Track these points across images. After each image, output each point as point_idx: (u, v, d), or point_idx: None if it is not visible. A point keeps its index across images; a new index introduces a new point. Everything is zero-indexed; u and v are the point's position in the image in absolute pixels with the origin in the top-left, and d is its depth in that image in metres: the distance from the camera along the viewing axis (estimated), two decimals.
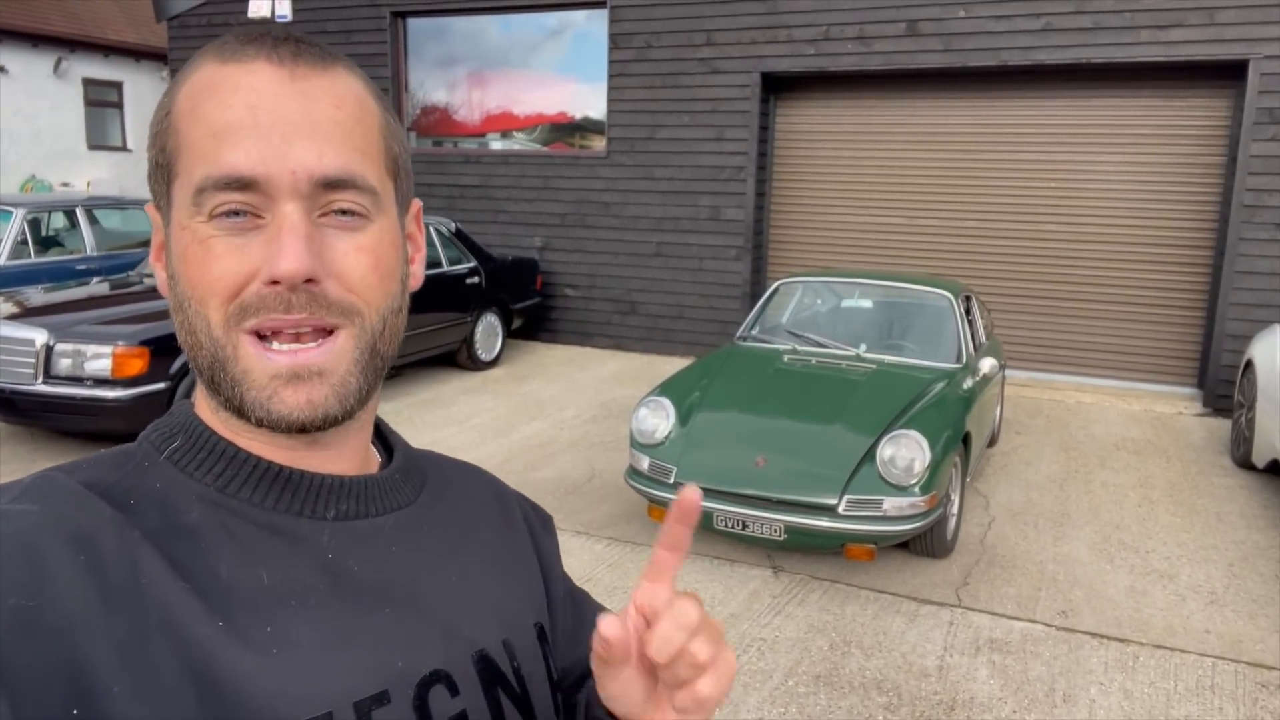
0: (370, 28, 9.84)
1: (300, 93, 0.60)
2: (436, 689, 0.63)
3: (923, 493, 3.99)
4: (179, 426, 0.65)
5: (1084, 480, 5.68)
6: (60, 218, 8.38)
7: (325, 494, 0.65)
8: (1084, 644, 3.67)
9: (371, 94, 0.66)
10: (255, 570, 0.59)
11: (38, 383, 5.14)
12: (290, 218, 0.58)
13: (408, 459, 0.75)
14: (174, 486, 0.61)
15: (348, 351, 0.62)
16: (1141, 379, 7.93)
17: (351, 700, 0.58)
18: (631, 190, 8.98)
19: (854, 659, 3.49)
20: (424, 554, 0.69)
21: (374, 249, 0.63)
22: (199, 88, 0.60)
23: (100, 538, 0.55)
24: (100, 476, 0.60)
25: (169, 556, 0.57)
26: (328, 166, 0.59)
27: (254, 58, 0.60)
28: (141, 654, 0.52)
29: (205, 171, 0.58)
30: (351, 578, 0.63)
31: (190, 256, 0.60)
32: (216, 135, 0.58)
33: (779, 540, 4.05)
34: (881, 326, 5.52)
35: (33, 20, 14.14)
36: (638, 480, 4.43)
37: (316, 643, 0.59)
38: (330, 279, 0.60)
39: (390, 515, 0.68)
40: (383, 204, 0.64)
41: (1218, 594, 4.15)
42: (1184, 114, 7.48)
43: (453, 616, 0.67)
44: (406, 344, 7.16)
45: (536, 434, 6.33)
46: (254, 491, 0.63)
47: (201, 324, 0.60)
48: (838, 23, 8.02)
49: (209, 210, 0.59)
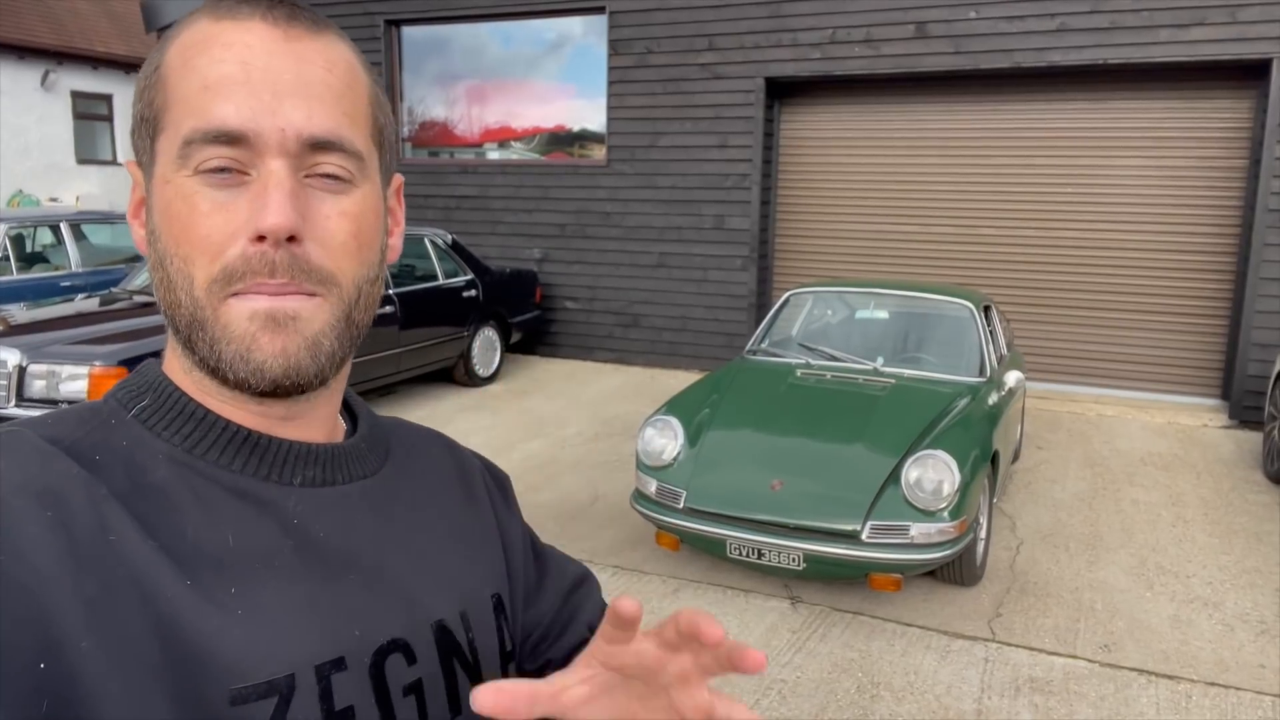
0: (364, 36, 9.61)
1: (293, 53, 0.60)
2: (394, 657, 0.63)
3: (952, 518, 3.72)
4: (147, 385, 0.64)
5: (1113, 498, 5.40)
6: (46, 233, 8.13)
7: (293, 460, 0.65)
8: (1131, 682, 3.38)
9: (361, 64, 0.66)
10: (221, 532, 0.59)
11: (10, 406, 4.87)
12: (277, 174, 0.58)
13: (372, 428, 0.74)
14: (141, 445, 0.60)
15: (323, 312, 0.61)
16: (1163, 390, 7.66)
17: (313, 664, 0.58)
18: (633, 200, 8.73)
19: (884, 703, 3.21)
20: (388, 523, 0.69)
21: (356, 215, 0.63)
22: (192, 43, 0.60)
23: (68, 494, 0.54)
24: (66, 433, 0.59)
25: (136, 514, 0.56)
26: (316, 127, 0.59)
27: (249, 16, 0.60)
28: (109, 610, 0.52)
29: (194, 124, 0.58)
30: (316, 544, 0.63)
31: (174, 212, 0.59)
32: (208, 89, 0.58)
33: (798, 570, 3.77)
34: (899, 339, 5.25)
35: (20, 32, 13.92)
36: (644, 505, 4.16)
37: (281, 606, 0.59)
38: (312, 241, 0.60)
39: (356, 484, 0.68)
40: (367, 170, 0.64)
41: (1268, 623, 3.87)
42: (1205, 116, 7.23)
43: (414, 586, 0.68)
44: (401, 359, 6.90)
45: (537, 453, 6.05)
46: (221, 454, 0.62)
47: (184, 282, 0.59)
48: (844, 25, 7.78)
49: (194, 165, 0.58)
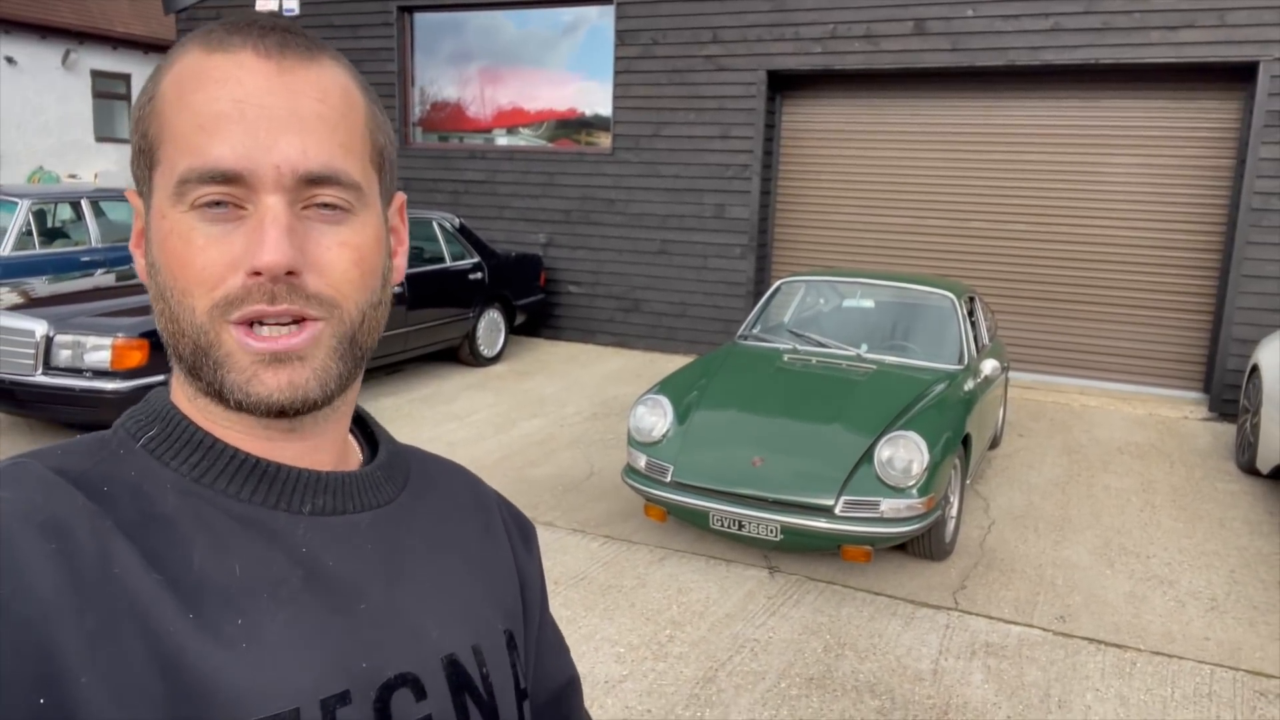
0: (377, 22, 9.82)
1: (286, 86, 0.60)
2: (401, 692, 0.62)
3: (920, 495, 3.96)
4: (155, 415, 0.65)
5: (1086, 484, 5.64)
6: (66, 209, 8.39)
7: (302, 488, 0.64)
8: (1081, 649, 3.63)
9: (357, 85, 0.66)
10: (228, 562, 0.59)
11: (38, 374, 5.14)
12: (273, 210, 0.58)
13: (392, 455, 0.75)
14: (149, 475, 0.60)
15: (325, 339, 0.62)
16: (1147, 383, 7.88)
17: (319, 697, 0.57)
18: (636, 187, 8.96)
19: (848, 661, 3.47)
20: (400, 554, 0.68)
21: (357, 245, 0.63)
22: (184, 76, 0.60)
23: (72, 526, 0.54)
24: (74, 464, 0.59)
25: (142, 547, 0.56)
26: (311, 162, 0.59)
27: (240, 48, 0.60)
28: (111, 644, 0.52)
29: (189, 163, 0.58)
30: (325, 573, 0.62)
31: (170, 247, 0.60)
32: (203, 127, 0.58)
33: (775, 541, 4.02)
34: (883, 327, 5.49)
35: (42, 12, 14.17)
36: (634, 478, 4.41)
37: (286, 638, 0.58)
38: (311, 272, 0.60)
39: (368, 513, 0.68)
40: (366, 198, 0.64)
41: (1218, 600, 4.11)
42: (1193, 116, 7.41)
43: (425, 619, 0.67)
44: (408, 339, 7.15)
45: (536, 431, 6.31)
46: (230, 483, 0.62)
47: (186, 314, 0.60)
48: (845, 21, 7.97)
49: (190, 200, 0.59)
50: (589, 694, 3.17)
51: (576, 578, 4.08)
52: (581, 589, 3.98)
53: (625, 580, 4.08)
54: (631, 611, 3.79)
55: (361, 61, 9.87)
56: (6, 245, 7.55)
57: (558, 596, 3.88)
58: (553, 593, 3.90)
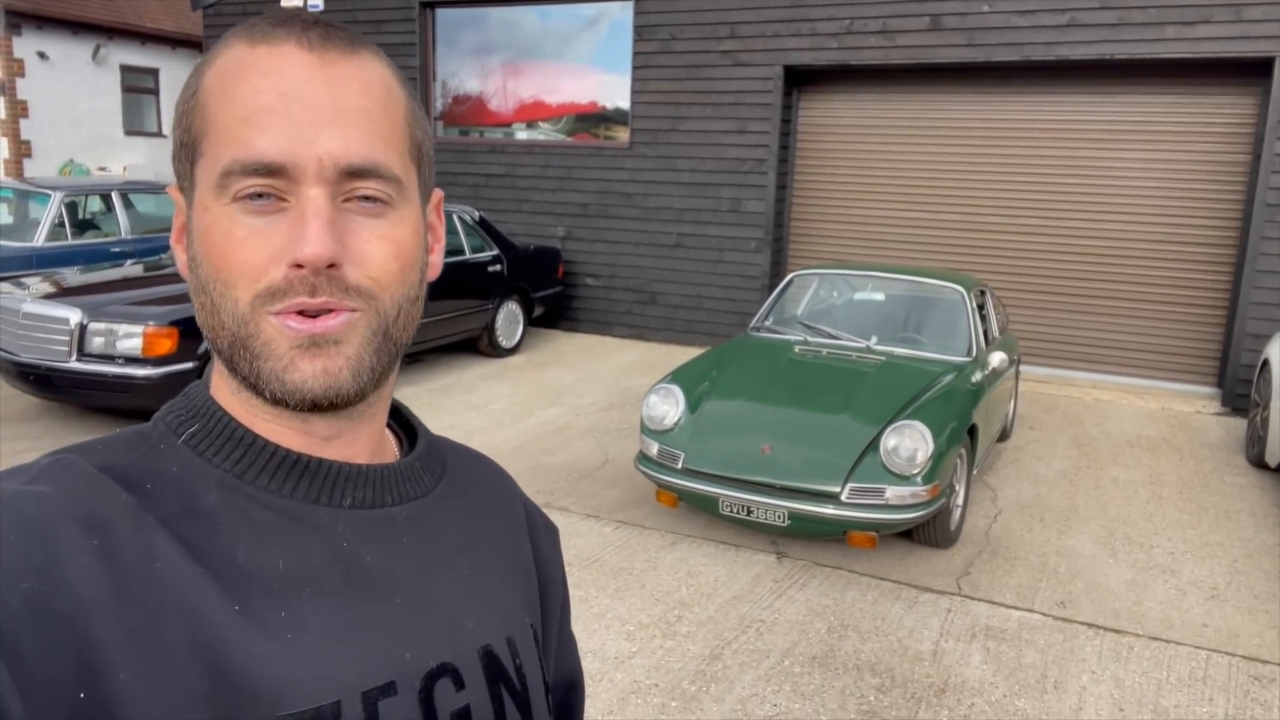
0: (399, 18, 9.97)
1: (328, 79, 0.60)
2: (442, 682, 0.63)
3: (925, 482, 4.06)
4: (196, 410, 0.65)
5: (1094, 476, 5.70)
6: (96, 201, 8.60)
7: (342, 482, 0.65)
8: (1079, 634, 3.72)
9: (398, 81, 0.66)
10: (272, 556, 0.60)
11: (71, 360, 5.33)
12: (315, 202, 0.59)
13: (430, 446, 0.76)
14: (190, 470, 0.62)
15: (361, 329, 0.62)
16: (1161, 377, 7.91)
17: (360, 690, 0.58)
18: (653, 181, 9.06)
19: (850, 642, 3.57)
20: (436, 546, 0.69)
21: (396, 237, 0.63)
22: (228, 69, 0.61)
23: (114, 522, 0.55)
24: (116, 460, 0.60)
25: (184, 540, 0.57)
26: (353, 155, 0.60)
27: (284, 40, 0.60)
28: (152, 639, 0.53)
29: (233, 155, 0.59)
30: (364, 567, 0.64)
31: (212, 240, 0.60)
32: (247, 120, 0.59)
33: (783, 526, 4.13)
34: (894, 320, 5.57)
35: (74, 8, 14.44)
36: (646, 465, 4.53)
37: (328, 631, 0.59)
38: (351, 264, 0.61)
39: (405, 505, 0.69)
40: (406, 192, 0.64)
41: (1219, 589, 4.18)
42: (1209, 111, 7.43)
43: (461, 610, 0.68)
44: (428, 330, 7.30)
45: (553, 420, 6.44)
46: (271, 478, 0.63)
47: (228, 306, 0.60)
48: (861, 16, 8.03)
49: (233, 193, 0.59)
50: (599, 669, 3.30)
51: (589, 560, 4.21)
52: (594, 571, 4.10)
53: (636, 563, 4.21)
54: (642, 593, 3.91)
55: None
56: (40, 236, 7.76)
57: (571, 578, 4.01)
58: (567, 574, 4.03)
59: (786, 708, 3.11)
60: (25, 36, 13.83)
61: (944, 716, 3.10)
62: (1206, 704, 3.25)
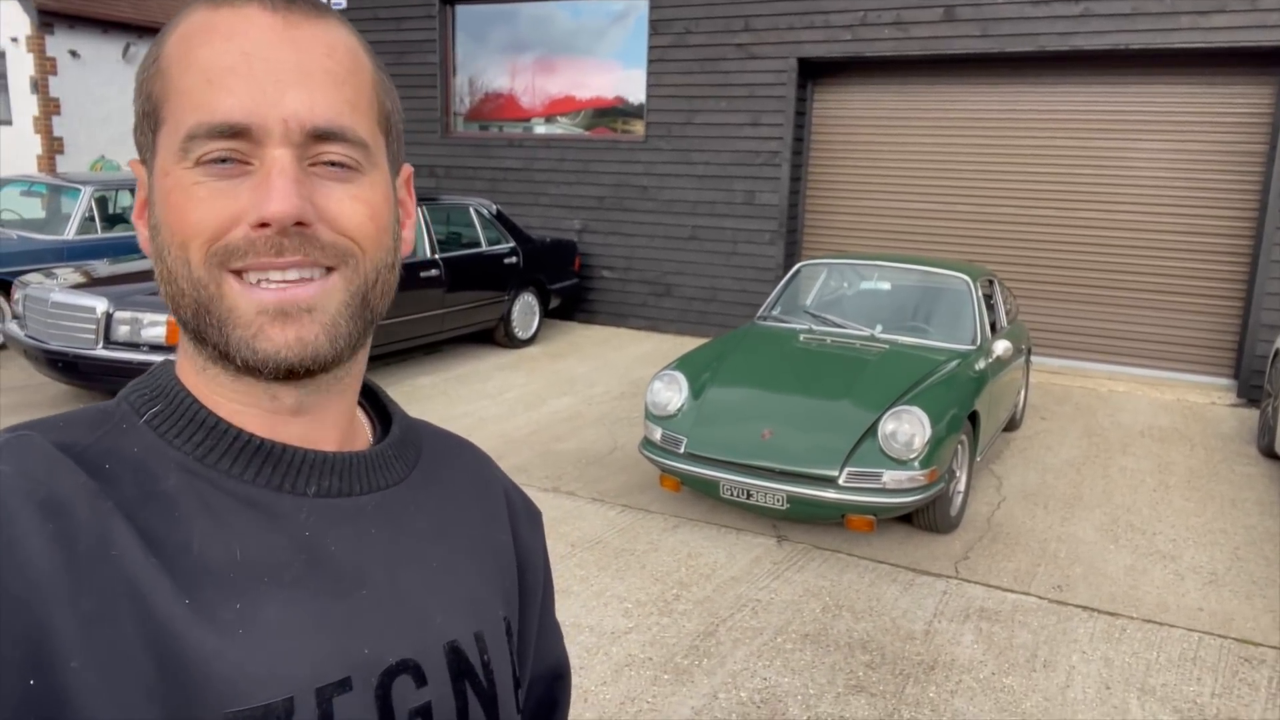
0: (420, 14, 10.11)
1: (293, 40, 0.59)
2: (402, 679, 0.62)
3: (922, 467, 4.11)
4: (160, 390, 0.64)
5: (1102, 465, 5.72)
6: (125, 196, 8.82)
7: (307, 469, 0.64)
8: (1074, 616, 3.77)
9: (364, 49, 0.64)
10: (229, 545, 0.58)
11: (98, 348, 5.51)
12: (280, 161, 0.57)
13: (405, 432, 0.74)
14: (152, 453, 0.60)
15: (339, 291, 0.61)
16: (1177, 369, 7.87)
17: (314, 686, 0.57)
18: (668, 175, 9.14)
19: (843, 621, 3.65)
20: (405, 537, 0.67)
21: (369, 199, 0.61)
22: (190, 33, 0.59)
23: (72, 506, 0.54)
24: (76, 438, 0.58)
25: (141, 528, 0.56)
26: (319, 117, 0.58)
27: (246, 3, 0.59)
28: (106, 628, 0.51)
29: (197, 118, 0.57)
30: (328, 557, 0.62)
31: (172, 203, 0.58)
32: (210, 81, 0.57)
33: (782, 510, 4.21)
34: (899, 308, 5.62)
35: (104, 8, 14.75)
36: (650, 450, 4.62)
37: (285, 624, 0.58)
38: (322, 224, 0.59)
39: (374, 494, 0.67)
40: (374, 158, 0.63)
41: (1218, 575, 4.20)
42: (1225, 101, 7.38)
43: (429, 604, 0.66)
44: (445, 320, 7.44)
45: (565, 408, 6.55)
46: (234, 463, 0.61)
47: (182, 269, 0.58)
48: (875, 8, 8.05)
49: (195, 157, 0.57)
50: (596, 644, 3.39)
51: (592, 542, 4.31)
52: (596, 551, 4.20)
53: (638, 545, 4.30)
54: (642, 573, 4.01)
55: (405, 53, 10.18)
56: (70, 230, 7.98)
57: (573, 558, 4.12)
58: (568, 555, 4.14)
59: (775, 681, 3.19)
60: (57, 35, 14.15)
61: (930, 692, 3.17)
62: (1194, 683, 3.29)
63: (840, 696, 3.12)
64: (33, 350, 5.69)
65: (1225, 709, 3.14)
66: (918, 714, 3.04)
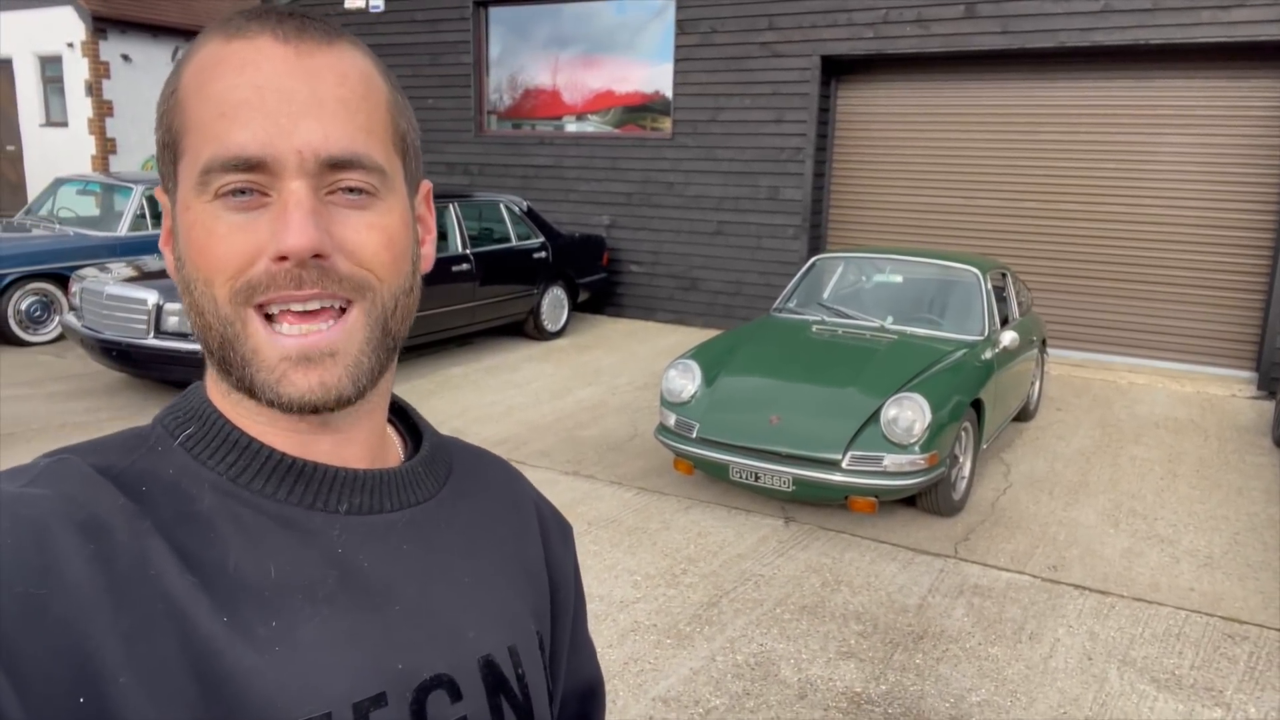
0: (454, 16, 10.41)
1: (305, 70, 0.60)
2: (436, 694, 0.63)
3: (922, 451, 4.29)
4: (193, 412, 0.65)
5: (1113, 454, 5.83)
6: None
7: (339, 487, 0.65)
8: (1065, 594, 3.92)
9: (378, 70, 0.65)
10: (264, 563, 0.60)
11: (149, 338, 5.86)
12: (296, 194, 0.58)
13: (434, 449, 0.75)
14: (186, 474, 0.61)
15: (359, 329, 0.62)
16: (1199, 361, 7.91)
17: (351, 701, 0.58)
18: (694, 171, 9.34)
19: (841, 595, 3.85)
20: (437, 553, 0.69)
21: (385, 226, 0.62)
22: (204, 66, 0.60)
23: (111, 527, 0.56)
24: (114, 461, 0.60)
25: (178, 548, 0.57)
26: (333, 146, 0.59)
27: (258, 34, 0.60)
28: (147, 645, 0.53)
29: (212, 152, 0.58)
30: (360, 574, 0.63)
31: (194, 238, 0.60)
32: (224, 115, 0.58)
33: (788, 491, 4.41)
34: (910, 300, 5.77)
35: (153, 13, 15.30)
36: (665, 435, 4.85)
37: (320, 640, 0.59)
38: (340, 255, 0.60)
39: (405, 511, 0.68)
40: (392, 183, 0.64)
41: (1214, 558, 4.32)
42: (1246, 95, 7.41)
43: (461, 619, 0.67)
44: (476, 313, 7.72)
45: (589, 398, 6.80)
46: (266, 482, 0.63)
47: (209, 304, 0.60)
48: (897, 6, 8.18)
49: (214, 189, 0.59)
50: (604, 611, 3.63)
51: (608, 520, 4.55)
52: (610, 529, 4.44)
53: (651, 524, 4.53)
54: (653, 549, 4.24)
55: (440, 54, 10.50)
56: (123, 227, 8.40)
57: (588, 535, 4.35)
58: (585, 532, 4.38)
59: (771, 646, 3.40)
60: (110, 40, 14.71)
61: (917, 659, 3.36)
62: (1175, 656, 3.44)
63: (831, 661, 3.33)
64: (89, 340, 6.06)
65: (1202, 679, 3.29)
66: (903, 678, 3.24)
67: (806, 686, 3.17)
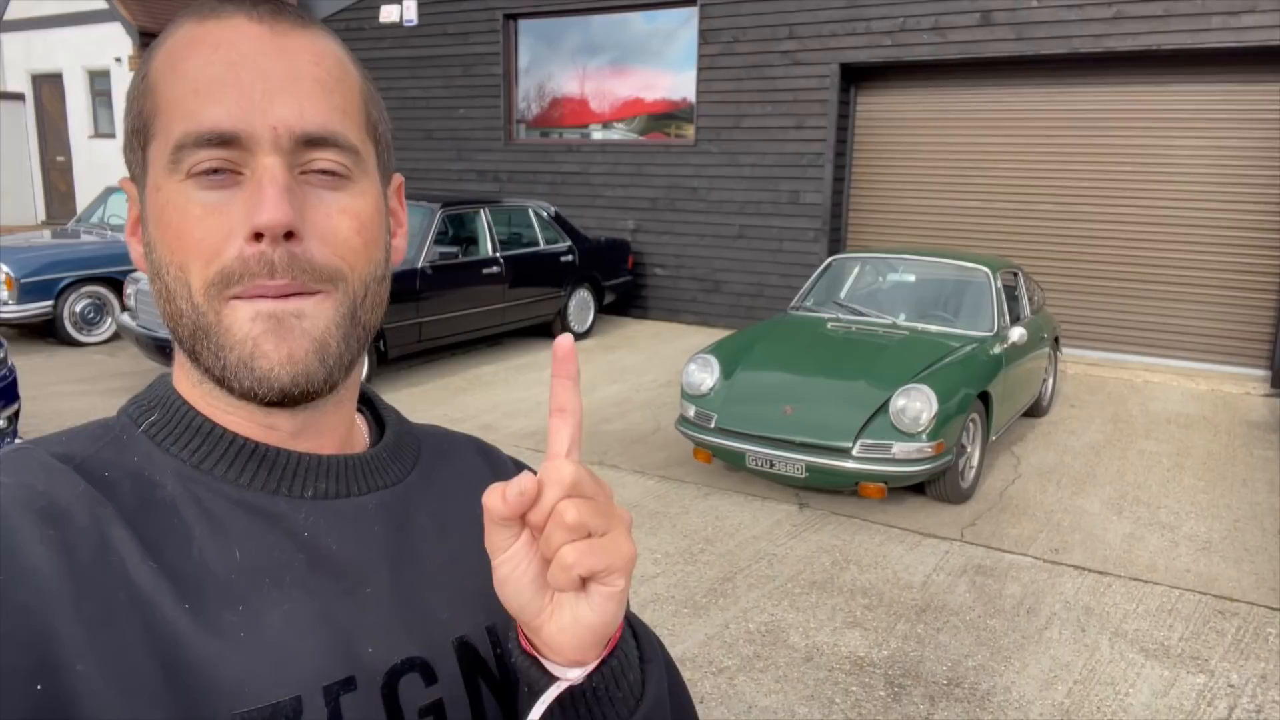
0: (485, 29, 10.77)
1: (280, 49, 0.59)
2: (409, 677, 0.62)
3: (929, 440, 4.51)
4: (157, 400, 0.65)
5: (1122, 448, 6.00)
6: None
7: (303, 472, 0.64)
8: (1064, 574, 4.13)
9: (351, 59, 0.65)
10: (228, 549, 0.59)
11: None
12: (271, 170, 0.57)
13: (399, 435, 0.74)
14: (149, 461, 0.61)
15: (327, 310, 0.61)
16: (1215, 360, 8.04)
17: (321, 684, 0.57)
18: (717, 176, 9.61)
19: (849, 573, 4.08)
20: (409, 535, 0.68)
21: (357, 211, 0.62)
22: (177, 47, 0.60)
23: (72, 513, 0.55)
24: (75, 450, 0.60)
25: (141, 535, 0.56)
26: (308, 123, 0.59)
27: (233, 14, 0.60)
28: (109, 633, 0.52)
29: (185, 128, 0.57)
30: (329, 556, 0.62)
31: (166, 219, 0.59)
32: (198, 92, 0.58)
33: (801, 478, 4.65)
34: (922, 298, 5.99)
35: None
36: (685, 426, 5.10)
37: (289, 624, 0.58)
38: (313, 239, 0.59)
39: (374, 494, 0.67)
40: (365, 165, 0.63)
41: (1212, 542, 4.50)
42: (1257, 98, 7.55)
43: (434, 602, 0.66)
44: (506, 314, 8.03)
45: (614, 394, 7.07)
46: (229, 468, 0.62)
47: (182, 290, 0.59)
48: (914, 14, 8.40)
49: (186, 168, 0.58)
50: None
51: (630, 506, 4.81)
52: (633, 513, 4.70)
53: (672, 508, 4.79)
54: (673, 531, 4.49)
55: (472, 65, 10.85)
56: None
57: None
58: None
59: (781, 616, 3.65)
60: None
61: (919, 629, 3.59)
62: (1165, 630, 3.64)
63: (837, 630, 3.56)
64: (144, 338, 6.43)
65: (1189, 650, 3.49)
66: (904, 645, 3.47)
67: (813, 651, 3.41)
